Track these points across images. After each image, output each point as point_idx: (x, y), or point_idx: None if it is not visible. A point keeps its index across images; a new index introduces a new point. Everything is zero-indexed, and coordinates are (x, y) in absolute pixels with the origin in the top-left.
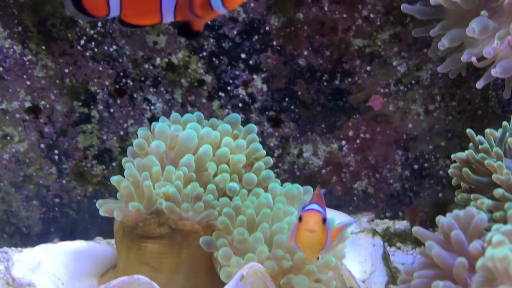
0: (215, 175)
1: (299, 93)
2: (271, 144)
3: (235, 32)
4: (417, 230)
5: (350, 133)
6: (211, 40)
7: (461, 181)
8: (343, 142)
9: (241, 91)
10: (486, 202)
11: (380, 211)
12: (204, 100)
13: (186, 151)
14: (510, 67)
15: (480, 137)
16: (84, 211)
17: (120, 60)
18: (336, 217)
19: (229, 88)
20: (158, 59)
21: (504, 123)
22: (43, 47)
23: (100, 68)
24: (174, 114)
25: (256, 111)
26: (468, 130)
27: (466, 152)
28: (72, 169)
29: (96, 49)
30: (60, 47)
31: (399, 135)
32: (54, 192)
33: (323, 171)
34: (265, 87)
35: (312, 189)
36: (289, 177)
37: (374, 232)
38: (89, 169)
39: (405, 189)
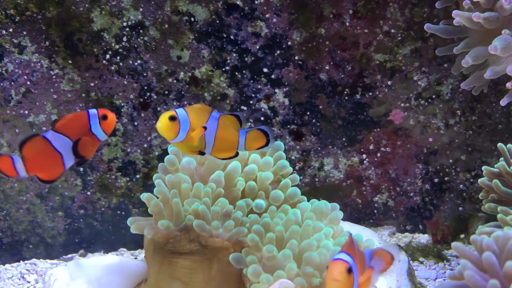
0: (243, 191)
1: (321, 107)
2: (293, 157)
3: (257, 47)
4: (457, 246)
5: (371, 147)
6: (234, 54)
7: (490, 192)
8: (364, 156)
9: (263, 105)
10: None
11: (400, 224)
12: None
13: (215, 168)
14: None
15: (510, 146)
16: (108, 223)
17: (145, 74)
18: (360, 232)
19: (251, 101)
20: (181, 73)
21: None
22: (70, 62)
23: (125, 82)
24: None
25: (278, 124)
26: (499, 144)
27: (498, 164)
28: (97, 181)
29: (121, 64)
30: (86, 62)
31: (420, 148)
32: (79, 203)
33: (344, 184)
34: (287, 101)
35: (338, 206)
36: (310, 189)
37: (400, 248)
38: (113, 181)
39: (425, 203)
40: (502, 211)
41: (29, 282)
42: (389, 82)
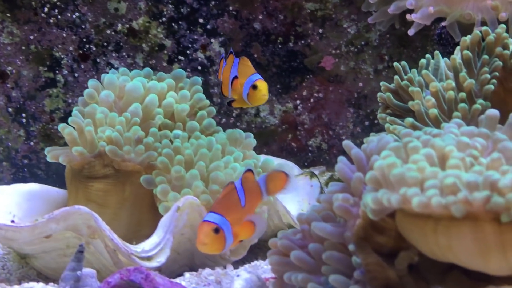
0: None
1: (255, 55)
2: None
3: None
4: (347, 143)
5: (304, 93)
6: (170, 6)
7: (387, 107)
8: (298, 102)
9: (200, 55)
10: (399, 129)
11: (333, 166)
12: (164, 64)
13: (133, 101)
14: (427, 14)
15: (404, 63)
16: (52, 172)
17: (83, 27)
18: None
19: (188, 51)
20: (119, 25)
21: (428, 56)
22: (8, 15)
23: (64, 35)
24: (123, 69)
25: (215, 73)
26: (395, 63)
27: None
28: (40, 132)
29: (59, 16)
30: (25, 15)
31: (351, 94)
32: (23, 153)
33: (279, 129)
34: (222, 51)
35: (251, 135)
36: None
37: (312, 174)
38: (56, 131)
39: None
40: (390, 120)
41: None
42: (320, 30)
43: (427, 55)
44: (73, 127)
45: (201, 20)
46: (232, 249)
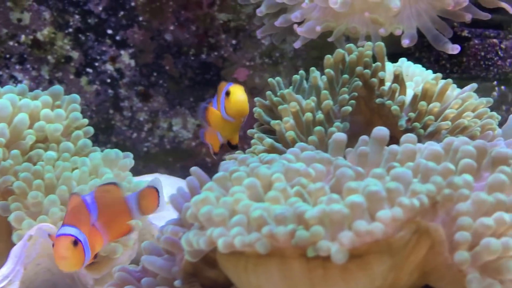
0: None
1: (167, 67)
2: (141, 119)
3: (100, 8)
4: (193, 169)
5: None
6: (77, 16)
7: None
8: None
9: (109, 67)
10: (258, 148)
11: None
12: (72, 77)
13: (0, 121)
14: (312, 28)
15: (278, 79)
16: None
17: None
18: (176, 183)
19: (96, 64)
20: (23, 36)
21: (301, 72)
22: None
23: None
24: None
25: (125, 86)
26: (269, 79)
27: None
28: None
29: None
30: None
31: None
32: None
33: (193, 143)
34: (133, 63)
35: (131, 155)
36: (159, 150)
37: None
38: None
39: None
40: (258, 137)
41: None
42: (233, 41)
43: (301, 71)
44: None
45: (109, 31)
46: (98, 278)
